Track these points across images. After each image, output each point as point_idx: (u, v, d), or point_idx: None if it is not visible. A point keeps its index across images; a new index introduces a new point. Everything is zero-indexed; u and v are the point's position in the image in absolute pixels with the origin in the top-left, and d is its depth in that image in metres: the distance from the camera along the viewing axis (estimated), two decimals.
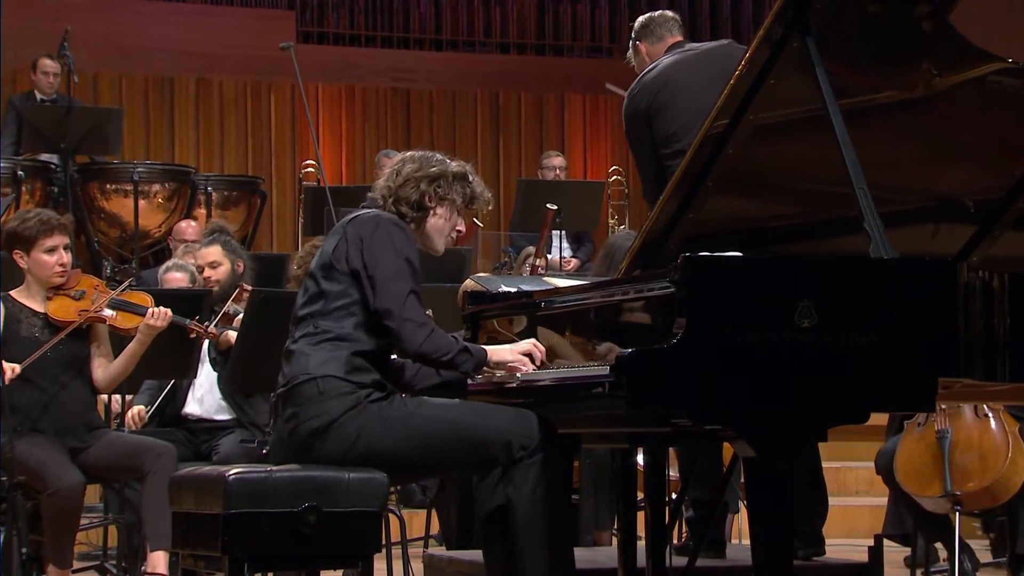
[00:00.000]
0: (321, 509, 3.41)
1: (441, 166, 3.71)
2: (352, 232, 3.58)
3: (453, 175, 3.70)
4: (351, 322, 3.53)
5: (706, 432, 3.44)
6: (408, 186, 3.66)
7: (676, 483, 4.65)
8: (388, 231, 3.56)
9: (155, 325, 4.75)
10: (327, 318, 3.54)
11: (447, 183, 3.68)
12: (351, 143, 10.85)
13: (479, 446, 3.51)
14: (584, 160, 11.34)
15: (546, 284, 4.20)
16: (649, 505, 3.73)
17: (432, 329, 3.54)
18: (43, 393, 4.66)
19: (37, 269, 4.71)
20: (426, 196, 3.66)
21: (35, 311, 4.73)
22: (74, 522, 4.64)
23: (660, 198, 3.77)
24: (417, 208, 3.66)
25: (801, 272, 3.22)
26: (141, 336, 4.75)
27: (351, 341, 3.52)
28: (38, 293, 4.74)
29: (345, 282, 3.54)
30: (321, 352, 3.51)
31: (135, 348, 4.76)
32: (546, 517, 3.48)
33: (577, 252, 9.05)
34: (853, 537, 6.19)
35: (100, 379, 4.79)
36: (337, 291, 3.55)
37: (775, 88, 3.53)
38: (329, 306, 3.55)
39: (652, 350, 3.15)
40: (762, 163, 3.73)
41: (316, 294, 3.58)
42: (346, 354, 3.51)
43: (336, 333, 3.53)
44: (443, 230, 3.70)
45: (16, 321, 4.69)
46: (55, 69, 8.78)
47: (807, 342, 3.15)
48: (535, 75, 11.33)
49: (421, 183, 3.66)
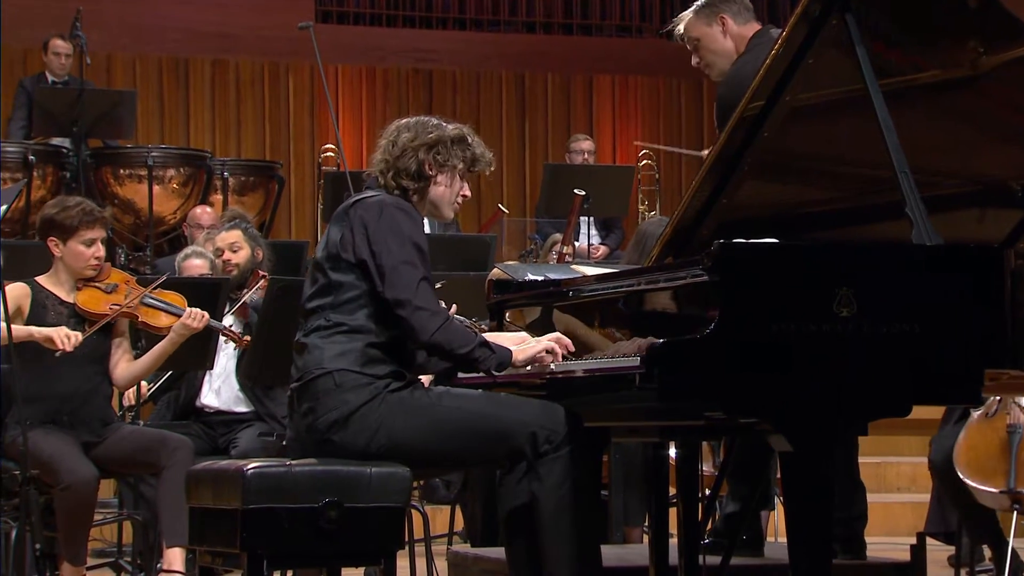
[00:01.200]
0: (342, 504, 3.41)
1: (438, 131, 3.66)
2: (356, 219, 3.54)
3: (451, 139, 3.65)
4: (363, 313, 3.51)
5: (740, 425, 3.43)
6: (406, 156, 3.61)
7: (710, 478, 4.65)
8: (392, 216, 3.52)
9: (191, 326, 4.78)
10: (338, 310, 3.52)
11: (446, 149, 3.63)
12: (372, 126, 10.86)
13: (503, 438, 3.50)
14: (613, 144, 11.32)
15: (574, 272, 4.20)
16: (682, 501, 3.73)
17: (447, 318, 3.52)
18: (63, 385, 4.68)
19: (72, 259, 4.74)
20: (425, 164, 3.62)
21: (63, 300, 4.76)
22: (88, 518, 4.67)
23: (693, 184, 3.76)
24: (418, 178, 3.61)
25: (840, 259, 3.21)
26: (174, 336, 4.78)
27: (365, 333, 3.51)
28: (67, 282, 4.77)
29: (354, 273, 3.52)
30: (334, 345, 3.50)
31: (165, 348, 4.79)
32: (573, 513, 3.47)
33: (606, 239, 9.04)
34: (894, 535, 6.18)
35: (121, 376, 4.82)
36: (346, 282, 3.53)
37: (813, 68, 3.52)
38: (340, 298, 3.53)
39: (685, 340, 3.15)
40: (799, 146, 3.71)
41: (325, 286, 3.56)
42: (360, 346, 3.50)
43: (349, 325, 3.51)
44: (448, 197, 3.65)
45: (42, 307, 4.72)
46: (67, 50, 8.81)
47: (846, 332, 3.14)
48: (562, 55, 11.31)
49: (419, 151, 3.61)
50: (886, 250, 3.30)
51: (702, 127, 11.39)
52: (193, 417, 5.48)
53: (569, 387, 3.53)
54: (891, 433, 6.83)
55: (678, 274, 3.37)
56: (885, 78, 3.43)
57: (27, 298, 4.71)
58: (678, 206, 3.85)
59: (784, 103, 3.58)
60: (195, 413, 5.50)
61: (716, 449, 5.27)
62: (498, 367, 3.54)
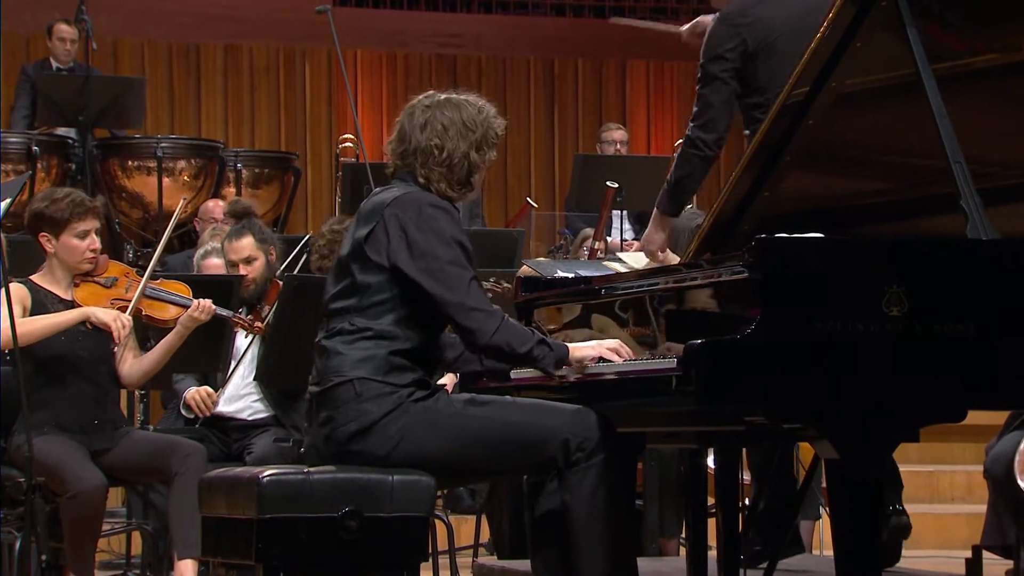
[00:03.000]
0: (363, 514, 3.43)
1: (484, 126, 3.59)
2: (391, 220, 3.51)
3: (496, 132, 3.60)
4: (389, 318, 3.51)
5: (783, 431, 3.43)
6: (458, 167, 3.57)
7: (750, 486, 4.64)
8: (433, 217, 3.50)
9: (198, 317, 4.78)
10: (363, 314, 3.52)
11: (489, 143, 3.60)
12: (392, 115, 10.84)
13: (533, 447, 3.51)
14: (648, 133, 11.31)
15: (606, 269, 4.20)
16: (721, 511, 3.73)
17: (503, 317, 3.50)
18: (67, 388, 4.69)
19: (66, 254, 4.75)
20: (475, 167, 3.60)
21: (61, 298, 4.77)
22: (96, 528, 4.68)
23: (732, 175, 3.76)
24: (466, 185, 3.60)
25: (890, 255, 3.20)
26: (181, 328, 4.79)
27: (390, 339, 3.50)
28: (63, 279, 4.78)
29: (383, 276, 3.51)
30: (357, 351, 3.50)
31: (173, 341, 4.80)
32: (606, 524, 3.47)
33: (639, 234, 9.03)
34: (949, 548, 6.15)
35: (129, 374, 4.82)
36: (374, 285, 3.51)
37: (861, 52, 3.51)
38: (365, 301, 3.52)
39: (724, 341, 3.15)
40: (846, 135, 3.71)
41: (350, 286, 3.54)
42: (384, 353, 3.49)
43: (374, 330, 3.51)
44: (480, 181, 3.64)
45: (42, 307, 4.73)
46: (72, 35, 8.87)
47: (896, 332, 3.14)
48: (594, 39, 11.31)
49: (469, 156, 3.58)
50: (939, 245, 3.29)
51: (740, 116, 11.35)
52: (206, 422, 5.50)
53: (601, 390, 3.54)
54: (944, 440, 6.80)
55: (717, 271, 3.37)
56: (938, 62, 3.42)
57: (27, 298, 4.72)
58: (716, 199, 3.85)
59: (830, 89, 3.57)
60: (209, 419, 5.52)
61: None
62: (556, 364, 3.54)
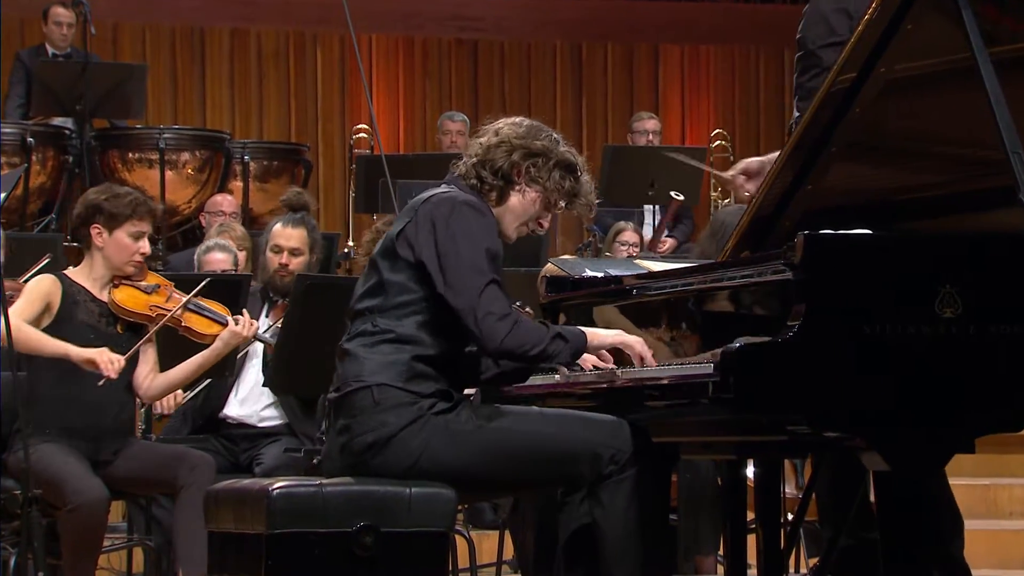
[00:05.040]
0: (379, 529, 3.44)
1: (549, 144, 3.64)
2: (423, 215, 3.55)
3: (558, 161, 3.63)
4: (414, 321, 3.52)
5: (827, 441, 3.43)
6: (501, 148, 3.62)
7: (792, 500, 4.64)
8: (464, 216, 3.52)
9: (242, 334, 4.80)
10: (386, 315, 3.53)
11: (546, 166, 3.62)
12: (409, 104, 10.91)
13: (563, 461, 3.51)
14: (682, 122, 11.30)
15: (637, 268, 4.20)
16: (761, 527, 3.72)
17: (515, 321, 3.52)
18: (88, 393, 4.66)
19: (115, 251, 4.76)
20: (516, 169, 3.61)
21: (95, 296, 4.78)
22: (96, 543, 4.70)
23: (772, 167, 3.76)
24: (501, 177, 3.61)
25: (942, 252, 3.20)
26: (220, 345, 4.80)
27: (413, 343, 3.51)
28: (102, 278, 4.79)
29: (410, 273, 3.53)
30: (378, 355, 3.51)
31: (208, 358, 4.81)
32: (639, 540, 3.48)
33: (673, 230, 9.03)
34: (1006, 567, 6.14)
35: (151, 387, 4.82)
36: (399, 283, 3.54)
37: (912, 35, 3.51)
38: (390, 301, 3.54)
39: (764, 344, 3.15)
40: (895, 124, 3.71)
41: (376, 285, 3.57)
42: (407, 358, 3.50)
43: (397, 333, 3.52)
44: (521, 216, 3.64)
45: (73, 303, 4.74)
46: (69, 19, 8.91)
47: (950, 335, 3.14)
48: (624, 22, 11.31)
49: (515, 152, 3.61)
50: (995, 242, 3.29)
51: (783, 102, 11.34)
52: (213, 430, 5.50)
53: (632, 397, 3.54)
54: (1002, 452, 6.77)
55: (756, 269, 3.38)
56: (995, 46, 3.42)
57: (57, 293, 4.72)
58: (756, 193, 3.85)
59: (878, 75, 3.57)
60: (215, 426, 5.52)
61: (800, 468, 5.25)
62: (574, 356, 3.56)
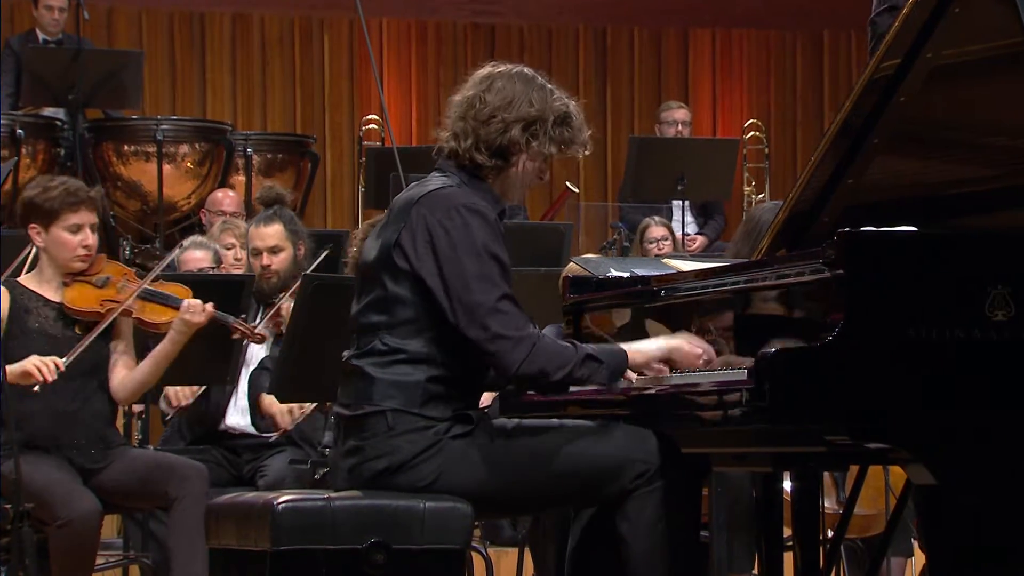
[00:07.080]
0: (391, 546, 3.44)
1: (542, 104, 3.53)
2: (417, 220, 3.46)
3: (555, 119, 3.54)
4: (423, 339, 3.47)
5: (870, 452, 3.42)
6: (493, 125, 3.51)
7: (832, 516, 4.63)
8: (464, 222, 3.43)
9: (191, 321, 4.78)
10: (394, 333, 3.48)
11: (545, 130, 3.53)
12: (422, 93, 10.93)
13: (587, 477, 3.51)
14: (713, 112, 11.30)
15: (666, 267, 4.20)
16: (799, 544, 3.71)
17: (534, 343, 3.44)
18: (56, 403, 4.70)
19: (56, 249, 4.77)
20: (515, 145, 3.53)
21: (48, 300, 4.79)
22: (89, 560, 4.72)
23: (811, 160, 3.76)
24: (500, 155, 3.52)
25: (993, 251, 3.20)
26: (174, 334, 4.78)
27: (427, 363, 3.47)
28: (53, 278, 4.81)
29: (410, 284, 3.47)
30: (390, 376, 3.47)
31: (167, 348, 4.80)
32: (668, 557, 3.48)
33: (704, 228, 9.04)
34: None
35: (121, 387, 4.82)
36: (404, 298, 3.47)
37: (961, 18, 3.50)
38: (396, 317, 3.48)
39: (802, 349, 3.15)
40: (943, 114, 3.70)
41: (381, 299, 3.49)
42: (421, 380, 3.46)
43: (408, 353, 3.47)
44: (527, 180, 3.58)
45: (24, 311, 4.76)
46: (61, 3, 8.94)
47: (1002, 339, 3.13)
48: (652, 4, 11.31)
49: (512, 128, 3.50)
50: None
51: (822, 90, 11.34)
52: (213, 441, 5.52)
53: (660, 406, 3.54)
54: None
55: (793, 269, 3.37)
56: None
57: (5, 302, 4.72)
58: (793, 188, 3.85)
59: (925, 61, 3.56)
60: (217, 436, 5.54)
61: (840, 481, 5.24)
62: (612, 377, 3.50)
